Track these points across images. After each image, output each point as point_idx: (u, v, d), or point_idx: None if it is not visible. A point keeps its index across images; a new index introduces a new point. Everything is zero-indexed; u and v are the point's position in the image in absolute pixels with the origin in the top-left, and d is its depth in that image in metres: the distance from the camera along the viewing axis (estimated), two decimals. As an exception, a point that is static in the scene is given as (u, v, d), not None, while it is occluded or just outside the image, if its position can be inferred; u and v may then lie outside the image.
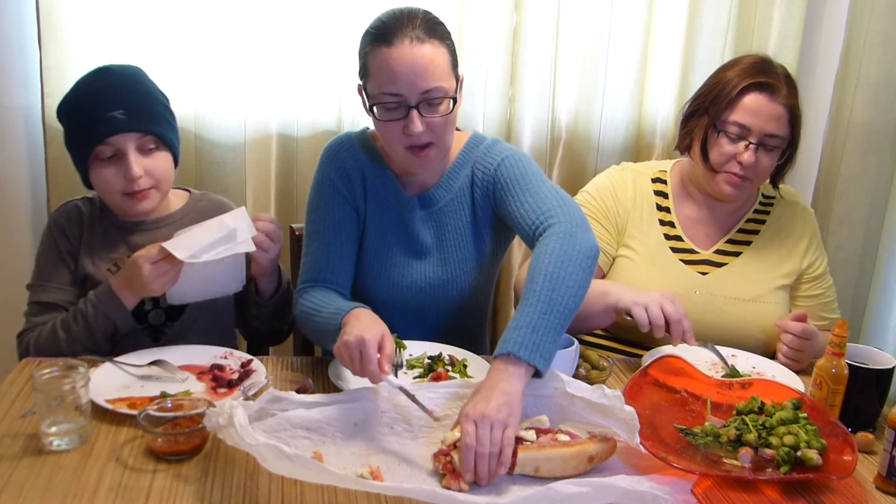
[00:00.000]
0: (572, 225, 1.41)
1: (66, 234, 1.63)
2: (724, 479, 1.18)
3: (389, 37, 1.44)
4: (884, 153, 2.40)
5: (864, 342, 2.32)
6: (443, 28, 1.50)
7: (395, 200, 1.63)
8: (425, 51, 1.43)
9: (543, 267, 1.33)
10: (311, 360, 1.59)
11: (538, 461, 1.16)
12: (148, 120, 1.56)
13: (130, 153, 1.54)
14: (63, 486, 1.10)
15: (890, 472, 1.19)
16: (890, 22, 2.29)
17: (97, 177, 1.57)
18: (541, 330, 1.25)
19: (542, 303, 1.28)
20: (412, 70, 1.43)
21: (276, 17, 2.13)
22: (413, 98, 1.44)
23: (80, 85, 1.58)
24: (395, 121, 1.47)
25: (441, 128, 1.48)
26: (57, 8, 2.00)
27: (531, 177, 1.55)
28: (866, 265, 2.47)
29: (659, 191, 1.86)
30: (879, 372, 1.37)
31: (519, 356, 1.21)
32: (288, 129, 2.24)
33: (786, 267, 1.80)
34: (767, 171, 1.74)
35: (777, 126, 1.68)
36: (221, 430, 1.12)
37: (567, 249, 1.35)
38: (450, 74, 1.48)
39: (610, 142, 2.39)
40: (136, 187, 1.55)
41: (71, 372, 1.22)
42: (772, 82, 1.67)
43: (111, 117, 1.51)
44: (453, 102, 1.48)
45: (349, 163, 1.61)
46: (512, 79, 2.31)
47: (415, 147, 1.49)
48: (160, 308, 1.63)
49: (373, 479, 1.12)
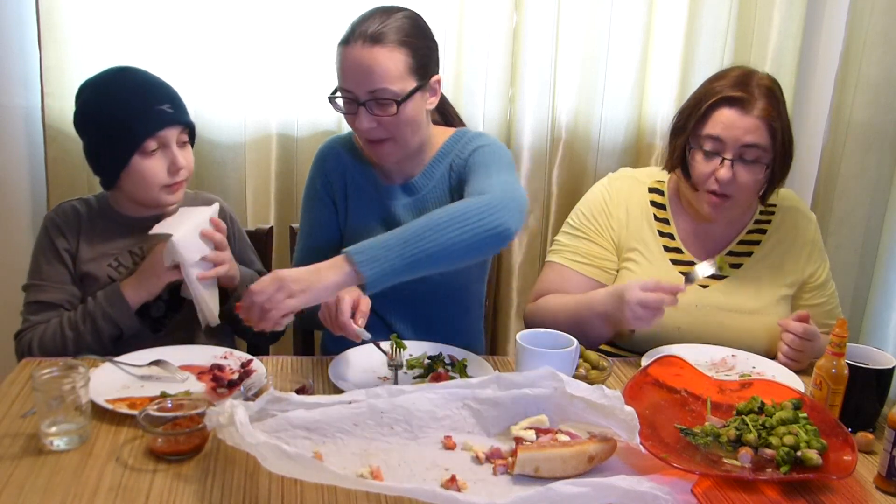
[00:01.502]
0: (495, 199, 1.40)
1: (64, 232, 1.64)
2: (724, 479, 1.18)
3: (348, 36, 1.52)
4: (884, 153, 2.40)
5: (864, 342, 2.32)
6: (408, 31, 1.53)
7: (375, 191, 1.70)
8: (373, 53, 1.49)
9: (438, 212, 1.37)
10: (311, 360, 1.59)
11: (538, 461, 1.16)
12: (186, 113, 1.65)
13: (174, 146, 1.60)
14: (63, 486, 1.10)
15: (890, 472, 1.19)
16: (890, 22, 2.29)
17: (141, 171, 1.58)
18: (390, 251, 1.30)
19: (410, 233, 1.33)
20: (358, 70, 1.51)
21: (276, 18, 2.14)
22: (361, 96, 1.52)
23: (109, 86, 1.60)
24: (350, 115, 1.56)
25: (393, 126, 1.54)
26: (57, 8, 2.00)
27: (495, 165, 1.57)
28: (866, 265, 2.47)
29: (655, 202, 1.82)
30: (879, 372, 1.37)
31: (353, 259, 1.28)
32: (288, 129, 2.24)
33: (787, 278, 1.78)
34: (750, 187, 1.67)
35: (754, 137, 1.62)
36: (222, 430, 1.12)
37: (468, 211, 1.36)
38: (403, 77, 1.52)
39: (610, 142, 2.39)
40: (179, 178, 1.61)
41: (71, 372, 1.22)
42: (742, 96, 1.63)
43: (161, 111, 1.57)
44: (398, 105, 1.51)
45: (330, 165, 1.73)
46: (512, 79, 2.31)
47: (372, 140, 1.57)
48: (161, 300, 1.64)
49: (373, 479, 1.13)
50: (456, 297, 1.76)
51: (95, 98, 1.59)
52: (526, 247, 2.42)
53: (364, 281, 1.28)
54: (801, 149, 2.51)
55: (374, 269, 1.28)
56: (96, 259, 1.63)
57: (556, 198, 2.43)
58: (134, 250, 1.65)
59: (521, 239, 2.41)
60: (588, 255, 1.79)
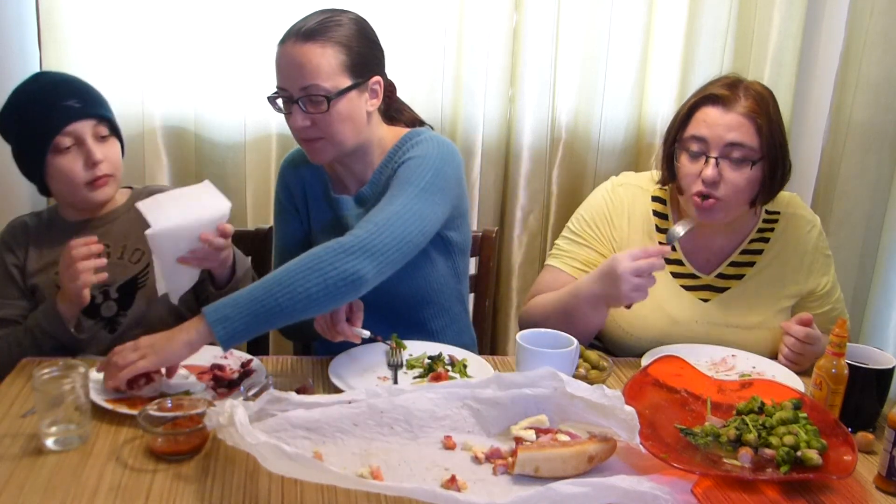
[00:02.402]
0: (357, 241, 1.40)
1: (12, 248, 1.65)
2: (724, 479, 1.18)
3: (284, 35, 1.54)
4: (884, 153, 2.40)
5: (864, 342, 2.32)
6: (338, 31, 1.52)
7: (326, 201, 1.71)
8: (303, 51, 1.50)
9: (295, 262, 1.39)
10: (311, 360, 1.59)
11: (538, 461, 1.16)
12: (100, 106, 1.62)
13: (89, 140, 1.58)
14: (63, 486, 1.10)
15: (890, 472, 1.19)
16: (890, 22, 2.29)
17: (58, 170, 1.58)
18: (240, 309, 1.34)
19: (261, 289, 1.35)
20: (289, 67, 1.52)
21: (276, 18, 2.13)
22: (294, 93, 1.53)
23: (20, 90, 1.61)
24: (287, 113, 1.56)
25: (325, 124, 1.53)
26: (57, 8, 2.00)
27: (406, 186, 1.53)
28: (866, 265, 2.47)
29: (658, 211, 1.76)
30: (879, 372, 1.37)
31: (206, 318, 1.33)
32: (288, 129, 2.22)
33: (789, 289, 1.73)
34: (739, 189, 1.60)
35: (738, 134, 1.57)
36: (222, 430, 1.13)
37: (323, 259, 1.38)
38: (335, 74, 1.51)
39: (610, 142, 2.39)
40: (99, 172, 1.59)
41: (71, 372, 1.22)
42: (726, 94, 1.59)
43: (67, 106, 1.56)
44: (329, 102, 1.50)
45: (289, 176, 1.75)
46: (512, 79, 2.31)
47: (305, 139, 1.57)
48: (111, 300, 1.63)
49: (373, 479, 1.13)
50: (432, 298, 1.73)
51: (9, 103, 1.60)
52: (526, 247, 2.42)
53: (218, 339, 1.33)
54: (801, 149, 2.53)
55: (225, 328, 1.32)
56: (44, 269, 1.63)
57: (555, 198, 2.43)
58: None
59: (520, 239, 2.41)
60: (587, 263, 1.76)
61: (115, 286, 1.64)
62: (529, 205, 2.39)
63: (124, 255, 1.66)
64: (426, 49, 2.23)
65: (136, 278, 1.65)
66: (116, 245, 1.67)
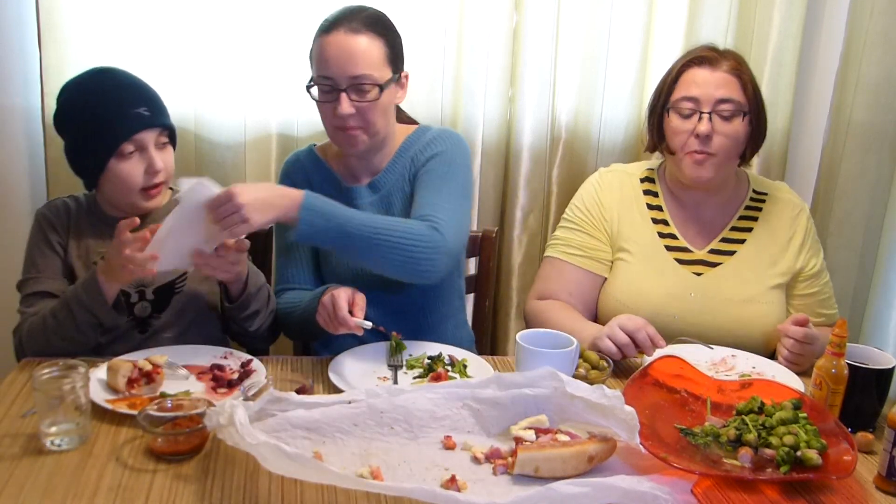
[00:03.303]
0: (441, 242, 1.53)
1: (55, 226, 1.64)
2: (724, 479, 1.18)
3: (329, 26, 1.60)
4: (884, 153, 2.40)
5: (864, 342, 2.32)
6: (382, 25, 1.63)
7: (339, 193, 1.72)
8: (358, 40, 1.58)
9: (388, 223, 1.53)
10: (311, 360, 1.59)
11: (538, 461, 1.16)
12: (165, 115, 1.63)
13: (152, 148, 1.58)
14: (63, 486, 1.10)
15: (890, 472, 1.19)
16: (890, 22, 2.29)
17: (118, 174, 1.57)
18: (330, 226, 1.49)
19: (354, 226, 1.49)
20: (342, 56, 1.57)
21: (276, 18, 2.13)
22: (342, 82, 1.58)
23: (86, 87, 1.59)
24: (328, 102, 1.61)
25: (368, 113, 1.60)
26: (57, 8, 2.00)
27: (448, 182, 1.66)
28: (866, 265, 2.47)
29: (648, 190, 1.85)
30: (879, 372, 1.37)
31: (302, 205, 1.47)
32: (288, 129, 2.24)
33: (780, 266, 1.79)
34: (731, 143, 1.70)
35: (726, 91, 1.68)
36: (221, 430, 1.13)
37: (413, 240, 1.51)
38: (382, 66, 1.61)
39: (610, 142, 2.39)
40: (156, 180, 1.60)
41: (71, 372, 1.22)
42: (708, 55, 1.72)
43: (137, 114, 1.56)
44: (380, 91, 1.59)
45: (297, 178, 1.77)
46: (512, 79, 2.31)
47: (346, 128, 1.62)
48: (146, 300, 1.63)
49: (373, 478, 1.13)
50: (434, 291, 1.76)
51: (73, 100, 1.59)
52: (526, 246, 2.42)
53: (294, 229, 1.47)
54: (801, 149, 2.53)
55: (306, 227, 1.48)
56: (83, 257, 1.63)
57: (555, 197, 2.43)
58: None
59: (520, 239, 2.41)
60: (583, 247, 1.83)
61: (152, 288, 1.64)
62: (529, 205, 2.39)
63: None
64: (426, 49, 2.23)
65: (173, 283, 1.65)
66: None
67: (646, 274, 1.76)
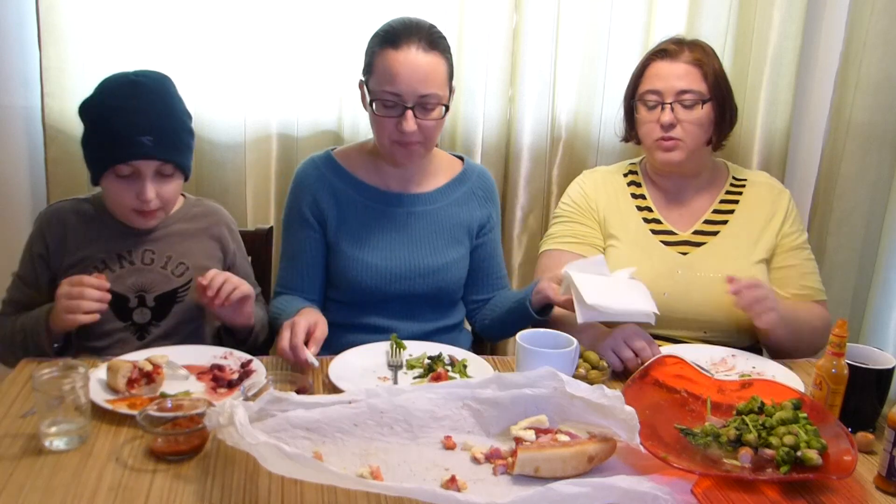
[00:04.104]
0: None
1: (45, 236, 1.62)
2: (724, 479, 1.18)
3: (397, 41, 1.59)
4: (884, 153, 2.39)
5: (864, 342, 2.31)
6: (445, 43, 1.66)
7: (373, 201, 1.75)
8: (428, 59, 1.59)
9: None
10: (311, 360, 1.59)
11: (538, 461, 1.16)
12: (172, 149, 1.57)
13: (148, 178, 1.54)
14: (63, 486, 1.10)
15: (890, 472, 1.19)
16: (890, 22, 2.29)
17: (109, 189, 1.57)
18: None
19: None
20: (413, 75, 1.58)
21: (276, 18, 2.14)
22: (410, 100, 1.60)
23: (109, 93, 1.55)
24: (390, 117, 1.62)
25: (430, 130, 1.65)
26: (57, 8, 2.00)
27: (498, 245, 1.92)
28: (866, 265, 2.47)
29: (632, 181, 1.95)
30: (879, 372, 1.37)
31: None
32: (288, 129, 2.24)
33: (762, 243, 1.85)
34: (695, 129, 1.79)
35: (687, 82, 1.77)
36: (221, 430, 1.12)
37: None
38: (445, 85, 1.64)
39: (610, 142, 2.38)
40: (146, 207, 1.56)
41: (71, 372, 1.22)
42: (670, 48, 1.81)
43: (138, 142, 1.51)
44: (445, 109, 1.64)
45: (315, 185, 1.77)
46: (512, 79, 2.31)
47: (405, 143, 1.64)
48: (146, 307, 1.63)
49: (373, 479, 1.13)
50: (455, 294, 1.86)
51: (97, 99, 1.56)
52: (526, 247, 2.42)
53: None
54: (801, 149, 2.53)
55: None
56: (79, 263, 1.61)
57: (555, 197, 2.43)
58: (123, 254, 1.62)
59: (520, 239, 2.41)
60: (576, 235, 1.89)
61: (154, 295, 1.62)
62: (529, 205, 2.39)
63: (168, 266, 1.65)
64: (426, 49, 2.23)
65: (175, 291, 1.65)
66: (161, 254, 1.65)
67: (634, 256, 1.82)
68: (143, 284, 1.62)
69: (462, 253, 1.82)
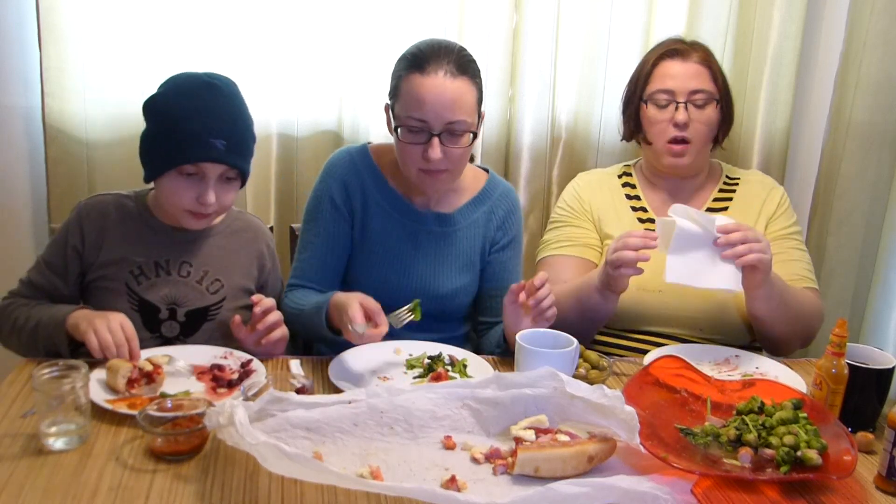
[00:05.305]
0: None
1: (83, 229, 1.59)
2: (724, 479, 1.18)
3: (424, 65, 1.53)
4: (884, 153, 2.39)
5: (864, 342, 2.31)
6: (475, 66, 1.60)
7: (400, 214, 1.71)
8: (456, 85, 1.53)
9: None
10: (311, 360, 1.59)
11: (538, 461, 1.16)
12: (241, 156, 1.56)
13: (212, 181, 1.52)
14: (63, 486, 1.10)
15: (890, 472, 1.19)
16: (890, 22, 2.29)
17: (169, 187, 1.54)
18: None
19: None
20: (441, 101, 1.52)
21: (276, 18, 2.14)
22: (437, 127, 1.54)
23: (183, 93, 1.52)
24: (416, 144, 1.56)
25: (457, 157, 1.59)
26: (57, 8, 2.00)
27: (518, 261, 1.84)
28: (866, 265, 2.47)
29: (626, 182, 1.96)
30: (879, 372, 1.37)
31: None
32: (288, 129, 2.24)
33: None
34: (705, 129, 1.81)
35: (699, 82, 1.79)
36: (221, 430, 1.13)
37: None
38: (474, 110, 1.58)
39: (610, 142, 2.38)
40: (204, 210, 1.54)
41: (71, 372, 1.22)
42: (679, 48, 1.83)
43: (211, 144, 1.49)
44: (473, 137, 1.58)
45: (349, 177, 1.72)
46: (512, 79, 2.31)
47: (432, 171, 1.59)
48: (176, 321, 1.60)
49: (373, 479, 1.13)
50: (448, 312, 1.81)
51: (168, 97, 1.53)
52: (526, 247, 2.41)
53: None
54: (801, 149, 2.53)
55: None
56: (116, 263, 1.58)
57: (555, 197, 2.42)
58: (161, 262, 1.60)
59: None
60: (571, 238, 1.89)
61: (185, 309, 1.60)
62: (529, 205, 2.39)
63: (203, 281, 1.62)
64: (426, 49, 2.23)
65: (207, 309, 1.62)
66: (198, 268, 1.62)
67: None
68: (176, 297, 1.59)
69: (472, 277, 1.78)
